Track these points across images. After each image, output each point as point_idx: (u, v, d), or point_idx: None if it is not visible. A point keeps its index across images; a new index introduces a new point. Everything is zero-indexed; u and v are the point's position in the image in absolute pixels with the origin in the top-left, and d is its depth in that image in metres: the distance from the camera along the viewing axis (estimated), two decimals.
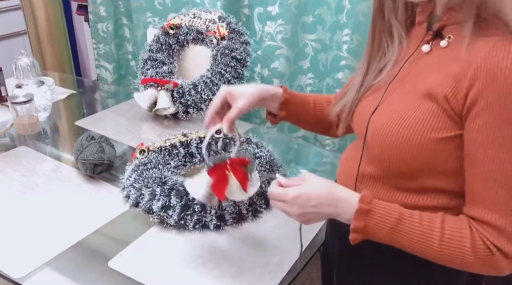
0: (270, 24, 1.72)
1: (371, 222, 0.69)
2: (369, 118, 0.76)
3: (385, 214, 0.68)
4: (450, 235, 0.65)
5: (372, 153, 0.76)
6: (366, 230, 0.69)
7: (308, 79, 1.83)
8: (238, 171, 0.88)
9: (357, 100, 0.83)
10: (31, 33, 2.59)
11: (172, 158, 1.24)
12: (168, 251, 0.97)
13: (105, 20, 2.25)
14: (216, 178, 0.87)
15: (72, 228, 1.03)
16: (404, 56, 0.77)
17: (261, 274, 0.90)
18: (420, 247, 0.67)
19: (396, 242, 0.69)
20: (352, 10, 1.58)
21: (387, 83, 0.77)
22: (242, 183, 0.87)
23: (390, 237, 0.69)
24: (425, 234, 0.66)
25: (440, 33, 0.70)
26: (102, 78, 2.39)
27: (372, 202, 0.69)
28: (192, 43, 1.70)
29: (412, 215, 0.68)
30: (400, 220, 0.68)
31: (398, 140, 0.69)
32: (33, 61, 1.54)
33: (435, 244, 0.66)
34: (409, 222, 0.67)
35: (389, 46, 0.79)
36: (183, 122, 1.55)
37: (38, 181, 1.20)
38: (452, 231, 0.65)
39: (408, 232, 0.67)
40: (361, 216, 0.69)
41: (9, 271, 0.90)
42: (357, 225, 0.69)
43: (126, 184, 1.12)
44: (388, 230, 0.68)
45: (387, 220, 0.68)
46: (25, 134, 1.45)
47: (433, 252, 0.66)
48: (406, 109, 0.69)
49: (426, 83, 0.68)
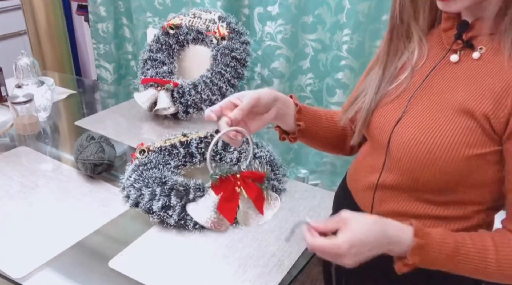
0: (270, 24, 1.72)
1: (427, 257, 0.67)
2: (392, 129, 0.73)
3: (441, 244, 0.67)
4: (505, 252, 0.65)
5: (398, 165, 0.73)
6: (421, 263, 0.68)
7: (308, 79, 1.83)
8: (251, 188, 0.75)
9: (373, 107, 0.78)
10: (31, 33, 2.59)
11: (172, 158, 1.24)
12: (168, 251, 0.96)
13: (105, 20, 2.25)
14: (224, 196, 0.75)
15: (72, 228, 1.03)
16: (426, 64, 0.73)
17: (261, 274, 0.90)
18: (477, 269, 0.67)
19: (452, 269, 0.69)
20: (352, 10, 1.58)
21: (410, 92, 0.73)
22: (257, 204, 0.75)
23: (447, 266, 0.68)
24: (481, 257, 0.66)
25: (471, 43, 0.67)
26: (102, 78, 2.39)
27: (425, 235, 0.67)
28: (192, 43, 1.70)
29: (464, 239, 0.67)
30: (457, 248, 0.67)
31: (431, 157, 0.66)
32: (33, 61, 1.54)
33: (491, 264, 0.65)
34: (465, 249, 0.66)
35: (406, 50, 0.76)
36: (183, 122, 1.55)
37: (38, 181, 1.20)
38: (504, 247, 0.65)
39: (465, 258, 0.66)
40: (417, 251, 0.67)
41: (9, 271, 0.90)
42: (413, 260, 0.67)
43: (126, 184, 1.12)
44: (444, 259, 0.67)
45: (444, 250, 0.67)
46: (25, 134, 1.45)
47: (490, 271, 0.66)
48: (437, 124, 0.67)
49: (458, 97, 0.66)
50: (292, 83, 1.85)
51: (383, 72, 0.77)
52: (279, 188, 1.15)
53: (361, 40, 1.63)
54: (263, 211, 0.75)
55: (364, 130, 0.80)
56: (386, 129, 0.74)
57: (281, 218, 1.08)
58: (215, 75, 1.52)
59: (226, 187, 0.75)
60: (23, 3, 2.52)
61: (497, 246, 0.65)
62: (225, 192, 0.75)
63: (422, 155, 0.67)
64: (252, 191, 0.75)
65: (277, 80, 1.81)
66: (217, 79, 1.51)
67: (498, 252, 0.65)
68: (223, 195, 0.75)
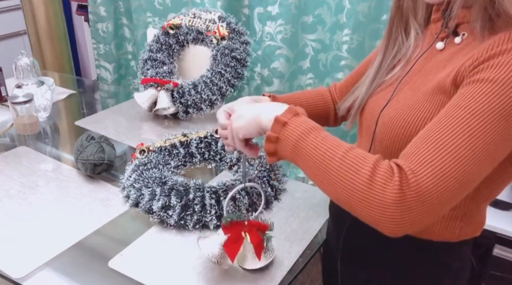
0: (270, 24, 1.72)
1: (289, 126, 0.65)
2: (379, 113, 0.76)
3: (305, 119, 0.65)
4: (358, 151, 0.60)
5: (380, 146, 0.75)
6: (282, 132, 0.65)
7: (308, 79, 1.83)
8: (254, 235, 0.86)
9: (367, 95, 0.83)
10: (31, 33, 2.60)
11: (172, 158, 1.24)
12: (168, 251, 0.96)
13: (105, 20, 2.25)
14: (231, 237, 0.85)
15: (72, 228, 1.03)
16: (418, 53, 0.78)
17: (261, 274, 0.90)
18: (322, 157, 0.61)
19: (301, 152, 0.64)
20: (352, 10, 1.58)
21: (399, 79, 0.77)
22: (257, 249, 0.85)
23: (300, 144, 0.64)
24: (335, 144, 0.62)
25: (455, 30, 0.71)
26: (102, 78, 2.39)
27: (295, 108, 0.67)
28: (192, 43, 1.70)
29: (326, 132, 0.65)
30: (316, 128, 0.64)
31: (406, 132, 0.68)
32: (33, 61, 1.54)
33: (338, 154, 0.60)
34: (323, 134, 0.63)
35: (404, 44, 0.80)
36: (183, 122, 1.55)
37: (38, 181, 1.20)
38: (362, 151, 0.61)
39: (318, 140, 0.63)
40: (282, 118, 0.66)
41: (9, 271, 0.90)
42: (275, 127, 0.66)
43: (126, 184, 1.12)
44: (300, 133, 0.64)
45: (304, 123, 0.65)
46: (25, 134, 1.45)
47: (332, 164, 0.60)
48: (415, 103, 0.69)
49: (438, 77, 0.68)
50: (292, 83, 1.85)
51: (380, 64, 0.82)
52: (279, 188, 1.15)
53: (361, 40, 1.63)
54: (260, 257, 0.86)
55: (358, 116, 0.86)
56: (374, 115, 0.78)
57: (281, 218, 1.08)
58: (215, 75, 1.52)
59: (234, 230, 0.86)
60: (23, 3, 2.52)
61: (352, 147, 0.61)
62: (233, 233, 0.85)
63: (400, 130, 0.69)
64: (255, 238, 0.85)
65: (277, 80, 1.81)
66: (217, 79, 1.51)
67: (354, 147, 0.61)
68: (230, 236, 0.85)
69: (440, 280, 0.79)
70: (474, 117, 0.56)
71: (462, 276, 0.81)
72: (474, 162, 0.56)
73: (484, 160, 0.56)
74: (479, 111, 0.56)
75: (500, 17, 0.62)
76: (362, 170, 0.58)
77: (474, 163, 0.56)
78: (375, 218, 0.57)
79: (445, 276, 0.79)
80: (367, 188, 0.57)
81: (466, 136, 0.56)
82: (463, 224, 0.73)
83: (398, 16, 0.80)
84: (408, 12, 0.79)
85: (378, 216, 0.57)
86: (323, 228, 1.05)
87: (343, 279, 0.92)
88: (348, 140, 1.85)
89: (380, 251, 0.79)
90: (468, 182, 0.57)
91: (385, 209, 0.56)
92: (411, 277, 0.80)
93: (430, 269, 0.78)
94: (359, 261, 0.86)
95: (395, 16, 0.80)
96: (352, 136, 1.84)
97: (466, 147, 0.56)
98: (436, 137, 0.57)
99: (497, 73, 0.57)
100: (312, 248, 0.99)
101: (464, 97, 0.58)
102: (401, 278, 0.81)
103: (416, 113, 0.68)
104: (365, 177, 0.57)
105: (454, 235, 0.74)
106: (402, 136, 0.69)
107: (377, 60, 0.83)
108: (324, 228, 1.04)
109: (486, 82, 0.57)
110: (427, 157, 0.56)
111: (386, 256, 0.79)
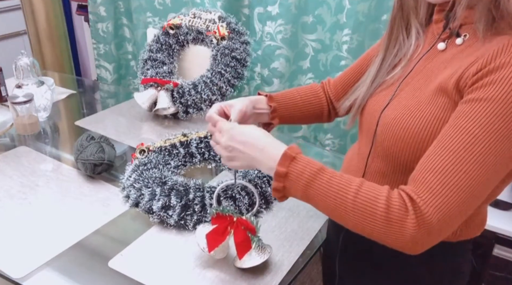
0: (270, 24, 1.72)
1: (294, 169, 0.67)
2: (380, 114, 0.76)
3: (308, 163, 0.67)
4: (368, 189, 0.63)
5: (381, 147, 0.75)
6: (287, 177, 0.68)
7: (308, 79, 1.83)
8: (239, 233, 0.86)
9: (368, 95, 0.82)
10: (31, 33, 2.59)
11: (172, 158, 1.24)
12: (168, 251, 0.97)
13: (105, 20, 2.25)
14: (216, 228, 0.87)
15: (72, 228, 1.03)
16: (419, 53, 0.78)
17: (261, 274, 0.90)
18: (335, 200, 0.64)
19: (314, 194, 0.66)
20: (352, 10, 1.58)
21: (400, 80, 0.77)
22: (238, 248, 0.86)
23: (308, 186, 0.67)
24: (343, 185, 0.64)
25: (457, 31, 0.71)
26: (102, 78, 2.39)
27: (298, 153, 0.69)
28: (192, 43, 1.70)
29: (334, 171, 0.67)
30: (321, 170, 0.66)
31: (408, 134, 0.69)
32: (33, 61, 1.54)
33: (349, 196, 0.63)
34: (330, 175, 0.66)
35: (405, 43, 0.80)
36: (183, 122, 1.55)
37: (38, 181, 1.20)
38: (370, 187, 0.63)
39: (328, 180, 0.65)
40: (286, 162, 0.68)
41: (9, 271, 0.90)
42: (280, 170, 0.68)
43: (126, 184, 1.12)
44: (307, 178, 0.66)
45: (309, 168, 0.67)
46: (25, 135, 1.45)
47: (346, 206, 0.63)
48: (417, 104, 0.69)
49: (440, 79, 0.68)
50: (292, 83, 1.85)
51: (381, 63, 0.82)
52: None
53: (361, 40, 1.63)
54: (241, 256, 0.86)
55: (358, 116, 0.86)
56: (375, 115, 0.78)
57: (281, 218, 1.08)
58: (215, 75, 1.52)
59: (221, 223, 0.88)
60: (23, 3, 2.52)
61: (363, 183, 0.64)
62: (220, 224, 0.88)
63: (401, 132, 0.70)
64: (239, 236, 0.86)
65: (277, 80, 1.81)
66: (217, 79, 1.51)
67: (361, 188, 0.63)
68: (216, 227, 0.87)
69: (440, 280, 0.79)
70: (478, 142, 0.58)
71: (462, 276, 0.81)
72: (481, 184, 0.59)
73: (491, 179, 0.60)
74: (482, 135, 0.58)
75: (503, 18, 0.62)
76: (377, 210, 0.61)
77: (481, 184, 0.59)
78: (397, 248, 0.62)
79: (445, 276, 0.79)
80: (384, 227, 0.61)
81: (472, 163, 0.58)
82: (463, 225, 0.73)
83: (399, 14, 0.80)
84: (410, 11, 0.79)
85: (400, 248, 0.62)
86: (323, 228, 1.05)
87: (343, 279, 0.92)
88: (348, 140, 1.85)
89: (379, 251, 0.79)
90: (476, 200, 0.60)
91: (405, 244, 0.60)
92: (411, 277, 0.80)
93: (430, 270, 0.78)
94: (358, 261, 0.86)
95: (396, 15, 0.80)
96: (352, 136, 1.84)
97: (473, 174, 0.58)
98: (443, 166, 0.60)
99: (496, 91, 0.58)
100: (312, 248, 0.99)
101: (466, 118, 0.60)
102: (401, 278, 0.81)
103: (417, 115, 0.68)
104: (381, 217, 0.61)
105: (454, 236, 0.74)
106: (403, 138, 0.69)
107: (378, 59, 0.83)
108: (324, 228, 1.04)
109: (486, 102, 0.59)
110: (436, 187, 0.59)
111: (386, 257, 0.79)
